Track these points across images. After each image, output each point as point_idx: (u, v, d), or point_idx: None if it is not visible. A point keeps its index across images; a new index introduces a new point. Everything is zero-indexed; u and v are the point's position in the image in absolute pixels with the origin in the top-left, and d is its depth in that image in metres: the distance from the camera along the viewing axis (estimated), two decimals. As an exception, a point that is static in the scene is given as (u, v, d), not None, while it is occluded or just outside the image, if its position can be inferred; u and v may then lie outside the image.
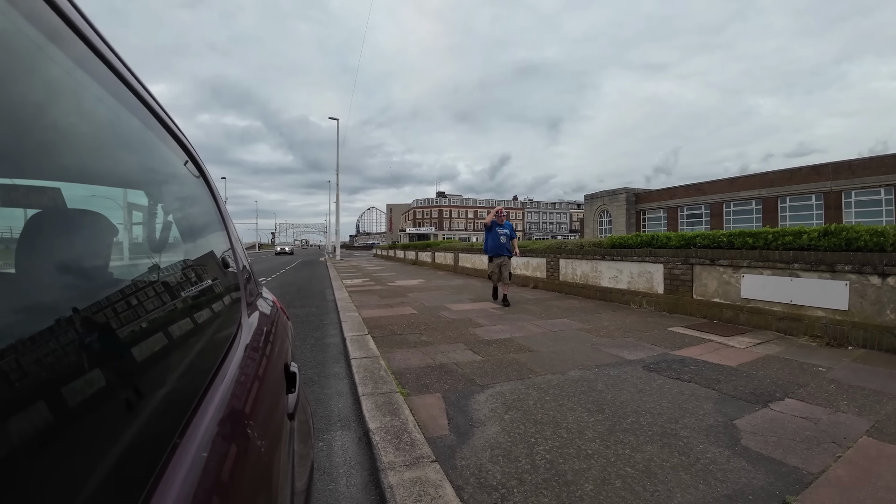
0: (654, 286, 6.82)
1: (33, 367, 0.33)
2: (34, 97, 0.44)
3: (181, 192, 1.07)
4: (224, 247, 1.27)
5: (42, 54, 0.45)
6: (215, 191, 1.33)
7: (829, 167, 27.46)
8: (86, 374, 0.41)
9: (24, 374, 0.32)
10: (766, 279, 5.19)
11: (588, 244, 8.86)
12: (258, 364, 0.96)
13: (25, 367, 0.32)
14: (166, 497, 0.43)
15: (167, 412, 0.55)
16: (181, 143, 1.06)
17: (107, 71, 0.62)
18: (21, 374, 0.31)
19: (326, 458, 2.37)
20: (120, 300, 0.54)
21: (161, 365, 0.60)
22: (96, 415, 0.41)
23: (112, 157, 0.68)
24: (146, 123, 0.80)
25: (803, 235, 4.96)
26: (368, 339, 4.79)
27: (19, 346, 0.32)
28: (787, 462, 2.11)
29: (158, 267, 0.79)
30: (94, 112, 0.61)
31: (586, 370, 3.60)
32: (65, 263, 0.48)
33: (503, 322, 5.80)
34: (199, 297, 0.88)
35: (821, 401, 2.90)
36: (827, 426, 2.50)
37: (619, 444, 2.28)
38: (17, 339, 0.32)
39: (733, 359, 3.93)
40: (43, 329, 0.36)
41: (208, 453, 0.53)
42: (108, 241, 0.62)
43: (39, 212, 0.46)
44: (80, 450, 0.37)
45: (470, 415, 2.69)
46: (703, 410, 2.74)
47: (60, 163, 0.50)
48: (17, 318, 0.34)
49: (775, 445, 2.27)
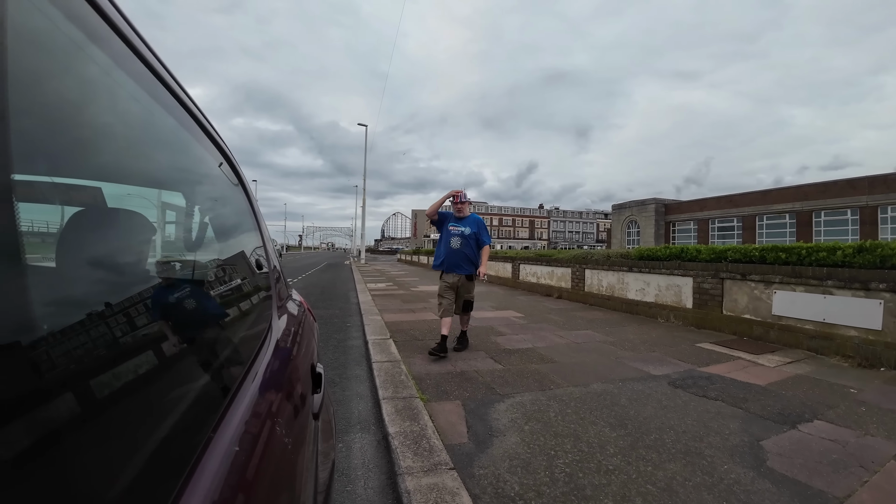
0: (683, 300, 6.65)
1: (71, 357, 0.35)
2: (75, 96, 0.45)
3: (217, 193, 1.11)
4: (257, 247, 1.31)
5: (82, 53, 0.46)
6: (250, 192, 1.38)
7: (865, 181, 26.26)
8: (124, 364, 0.43)
9: (61, 365, 0.33)
10: (798, 296, 5.02)
11: (615, 255, 8.72)
12: (287, 363, 0.99)
13: (63, 357, 0.33)
14: (200, 486, 0.45)
15: (202, 407, 0.57)
16: (217, 145, 1.10)
17: (145, 70, 0.63)
18: (59, 365, 0.33)
19: (345, 459, 2.39)
20: (156, 297, 0.56)
21: (197, 360, 0.63)
22: (136, 405, 0.43)
23: (151, 158, 0.70)
24: (184, 124, 0.83)
25: (837, 252, 4.80)
26: (390, 343, 4.83)
27: (57, 337, 0.33)
28: (812, 485, 2.05)
29: (194, 265, 0.82)
30: (134, 113, 0.62)
31: (609, 384, 3.53)
32: (103, 259, 0.49)
33: (525, 331, 5.75)
34: (233, 296, 0.92)
35: (850, 423, 2.82)
36: (855, 449, 2.43)
37: (640, 461, 2.23)
38: (56, 331, 0.33)
39: (762, 377, 3.82)
40: (78, 322, 0.37)
41: (239, 447, 0.55)
42: (147, 240, 0.64)
43: (81, 209, 0.48)
44: (120, 438, 0.39)
45: (489, 424, 2.68)
46: (729, 429, 2.66)
47: (101, 162, 0.52)
48: (55, 310, 0.35)
49: (801, 467, 2.21)
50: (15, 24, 0.31)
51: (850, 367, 4.24)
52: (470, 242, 4.47)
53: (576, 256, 9.86)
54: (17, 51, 0.31)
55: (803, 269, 4.99)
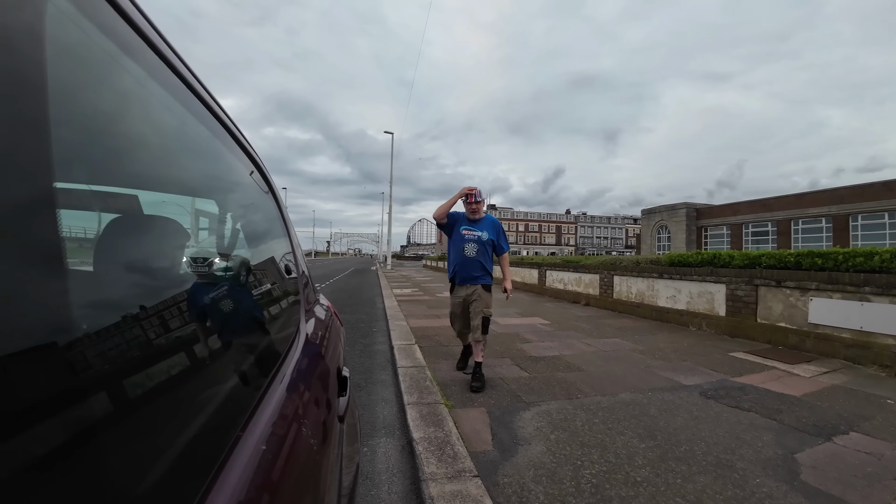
0: (715, 307, 6.43)
1: (107, 357, 0.36)
2: (111, 107, 0.48)
3: (248, 201, 1.15)
4: (286, 253, 1.34)
5: (118, 66, 0.48)
6: (279, 199, 1.42)
7: (903, 183, 24.88)
8: (157, 364, 0.45)
9: (97, 364, 0.34)
10: (835, 303, 4.82)
11: (645, 261, 8.51)
12: (314, 366, 1.01)
13: (100, 357, 0.35)
14: (228, 482, 0.46)
15: (233, 406, 0.59)
16: (248, 154, 1.14)
17: (178, 82, 0.66)
18: (95, 364, 0.34)
19: (370, 463, 2.41)
20: (189, 300, 0.58)
21: (227, 361, 0.64)
22: (168, 402, 0.45)
23: (185, 167, 0.73)
24: (216, 135, 0.86)
25: (875, 257, 4.62)
26: (415, 349, 4.84)
27: (94, 338, 0.35)
28: (846, 499, 1.97)
29: (226, 270, 0.85)
30: (169, 123, 0.65)
31: (639, 393, 3.44)
32: (139, 264, 0.51)
33: (552, 339, 5.67)
34: (262, 300, 0.94)
35: (886, 435, 2.71)
36: (890, 462, 2.35)
37: (670, 473, 2.16)
38: (93, 332, 0.35)
39: (797, 388, 3.68)
40: (114, 323, 0.39)
41: (266, 447, 0.57)
42: (181, 245, 0.66)
43: (119, 216, 0.50)
44: (153, 434, 0.40)
45: (514, 432, 2.65)
46: (762, 442, 2.57)
47: (137, 171, 0.54)
48: (93, 312, 0.37)
49: (835, 481, 2.13)
50: (52, 39, 0.33)
51: (888, 377, 4.08)
52: (487, 249, 3.78)
53: (604, 262, 9.67)
54: (55, 64, 0.33)
55: (840, 275, 4.80)
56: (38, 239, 0.29)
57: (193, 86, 0.72)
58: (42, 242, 0.30)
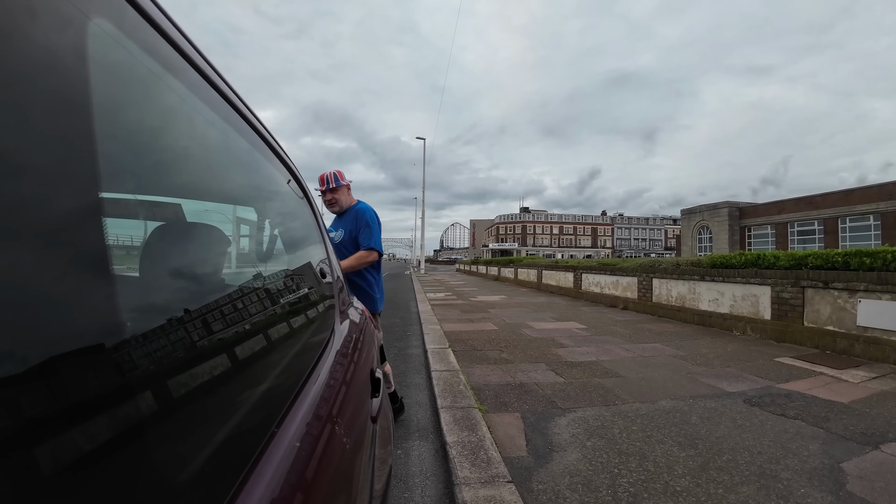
0: (760, 311, 6.12)
1: (153, 359, 0.38)
2: (154, 122, 0.51)
3: (285, 208, 1.19)
4: (321, 258, 1.38)
5: (160, 83, 0.51)
6: (315, 207, 1.46)
7: (956, 175, 22.86)
8: (199, 366, 0.47)
9: (143, 365, 0.37)
10: (885, 305, 4.54)
11: (685, 263, 8.20)
12: (347, 367, 1.03)
13: (146, 358, 0.37)
14: (263, 476, 0.48)
15: (268, 404, 0.61)
16: (285, 163, 1.18)
17: (218, 97, 0.69)
18: (141, 365, 0.36)
19: (403, 466, 2.43)
20: (229, 303, 0.61)
21: (264, 362, 0.67)
22: (208, 401, 0.47)
23: (226, 177, 0.76)
24: (254, 145, 0.90)
25: None
26: (449, 353, 4.85)
27: (140, 340, 0.37)
28: None
29: (264, 275, 0.88)
30: (209, 136, 0.68)
31: (679, 400, 3.31)
32: (182, 270, 0.54)
33: (589, 344, 5.55)
34: (299, 304, 0.97)
35: None
36: None
37: (711, 483, 2.07)
38: (139, 334, 0.37)
39: (845, 395, 3.48)
40: (159, 326, 0.41)
41: (300, 444, 0.59)
42: (222, 251, 0.70)
43: (163, 224, 0.53)
44: (194, 430, 0.42)
45: (549, 438, 2.60)
46: (808, 451, 2.43)
47: (180, 181, 0.57)
48: (139, 316, 0.39)
49: (882, 492, 2.01)
50: (95, 58, 0.36)
51: None
52: (349, 254, 2.90)
53: (642, 265, 9.38)
54: (99, 82, 0.36)
55: (890, 275, 4.52)
56: (86, 246, 0.32)
57: (231, 99, 0.75)
58: (90, 250, 0.32)
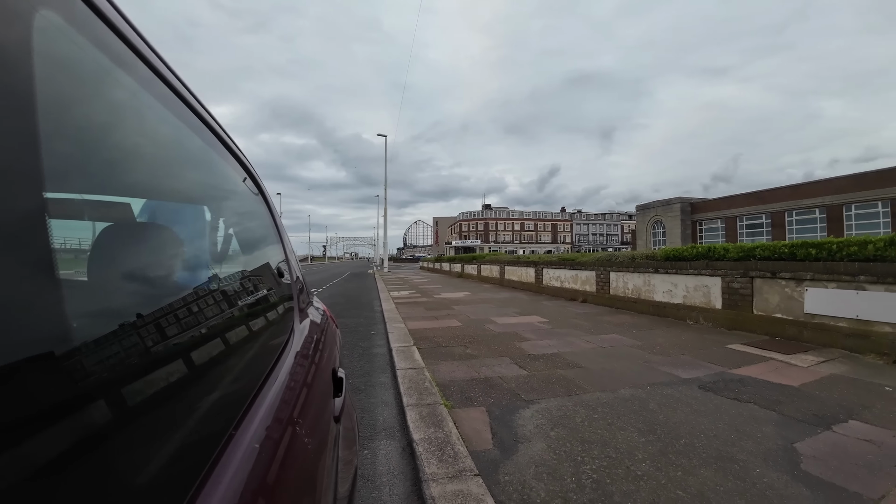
0: (712, 301, 6.47)
1: (105, 365, 0.37)
2: (102, 118, 0.48)
3: (240, 207, 1.16)
4: (279, 258, 1.35)
5: (110, 78, 0.49)
6: (272, 205, 1.43)
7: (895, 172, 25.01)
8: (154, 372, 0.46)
9: (94, 372, 0.35)
10: (831, 293, 4.88)
11: (640, 256, 8.55)
12: (308, 368, 1.02)
13: (96, 365, 0.36)
14: (222, 479, 0.48)
15: (227, 407, 0.60)
16: (240, 161, 1.14)
17: (169, 93, 0.67)
18: (92, 372, 0.35)
19: (371, 465, 2.41)
20: (183, 307, 0.59)
21: (222, 366, 0.65)
22: (163, 405, 0.46)
23: (177, 175, 0.73)
24: (207, 142, 0.87)
25: (869, 245, 4.68)
26: (414, 351, 4.85)
27: (90, 346, 0.35)
28: (847, 488, 2.00)
29: (219, 277, 0.85)
30: (160, 132, 0.66)
31: (638, 388, 3.46)
32: (133, 272, 0.52)
33: (551, 337, 5.69)
34: (256, 305, 0.95)
35: (886, 423, 2.75)
36: (891, 449, 2.38)
37: (671, 467, 2.17)
38: (89, 340, 0.35)
39: (796, 378, 3.72)
40: (110, 332, 0.39)
41: (259, 446, 0.58)
42: (174, 253, 0.67)
43: (111, 224, 0.51)
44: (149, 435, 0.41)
45: (514, 430, 2.66)
46: (762, 433, 2.59)
47: (129, 180, 0.55)
48: (89, 321, 0.37)
49: (836, 470, 2.15)
50: (42, 52, 0.34)
51: (886, 365, 4.13)
52: None
53: (600, 259, 9.70)
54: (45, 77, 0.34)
55: (835, 264, 4.86)
56: (30, 250, 0.30)
57: (183, 95, 0.73)
58: (34, 253, 0.30)
